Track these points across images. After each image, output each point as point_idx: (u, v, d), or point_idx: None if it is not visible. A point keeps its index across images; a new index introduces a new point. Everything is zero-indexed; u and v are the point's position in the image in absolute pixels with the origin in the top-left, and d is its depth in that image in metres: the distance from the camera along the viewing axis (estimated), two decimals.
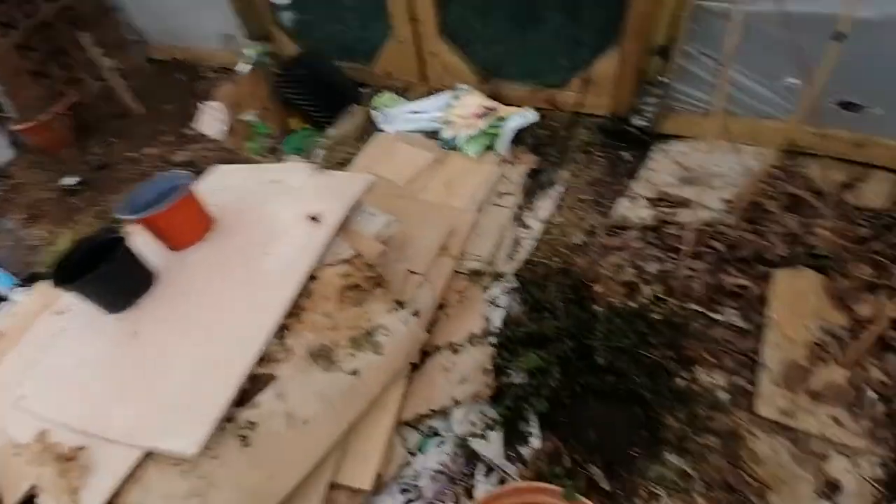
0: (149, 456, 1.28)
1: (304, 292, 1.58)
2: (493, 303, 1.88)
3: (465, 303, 1.98)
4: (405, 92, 3.18)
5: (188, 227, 1.76)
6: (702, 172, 2.37)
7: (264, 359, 1.44)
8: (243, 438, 1.31)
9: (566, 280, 2.06)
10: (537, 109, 2.70)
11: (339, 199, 1.77)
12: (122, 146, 3.65)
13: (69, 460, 1.29)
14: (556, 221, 2.39)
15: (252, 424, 1.33)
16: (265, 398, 1.37)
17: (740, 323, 1.75)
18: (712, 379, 1.65)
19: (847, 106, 2.05)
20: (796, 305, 1.70)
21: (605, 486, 1.46)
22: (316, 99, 3.13)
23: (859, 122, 2.08)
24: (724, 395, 1.60)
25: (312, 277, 1.61)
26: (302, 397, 1.40)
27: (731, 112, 2.37)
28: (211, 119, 3.49)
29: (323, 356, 1.50)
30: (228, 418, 1.31)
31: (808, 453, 1.44)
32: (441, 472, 1.55)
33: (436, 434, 1.64)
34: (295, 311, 1.55)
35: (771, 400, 1.53)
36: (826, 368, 1.56)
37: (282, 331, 1.51)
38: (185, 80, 4.00)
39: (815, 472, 1.41)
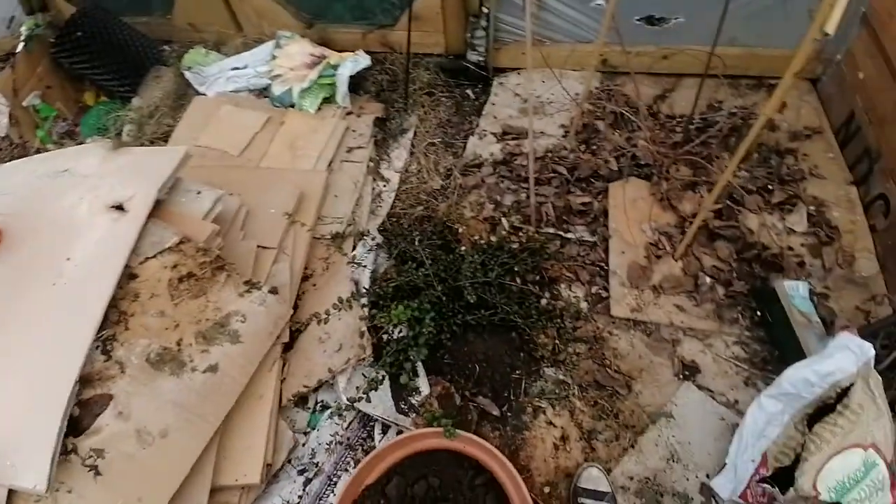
0: (16, 493, 1.14)
1: (126, 294, 1.32)
2: (359, 263, 1.78)
3: (331, 269, 1.85)
4: (219, 46, 2.76)
5: None
6: (536, 102, 2.47)
7: (92, 379, 1.23)
8: (93, 468, 1.15)
9: (430, 226, 2.03)
10: (372, 53, 2.54)
11: (147, 180, 1.48)
12: None
13: None
14: (412, 169, 2.32)
15: (98, 452, 1.17)
16: (105, 421, 1.20)
17: (589, 237, 1.91)
18: (573, 293, 1.78)
19: (651, 20, 2.25)
20: (630, 212, 1.89)
21: (495, 412, 1.52)
22: (105, 65, 2.57)
23: (664, 35, 2.30)
24: (584, 305, 1.74)
25: (131, 276, 1.34)
26: (151, 410, 1.23)
27: (553, 39, 2.48)
28: None
29: (168, 360, 1.28)
30: (70, 450, 1.15)
31: (661, 341, 1.64)
32: (337, 443, 1.48)
33: (325, 408, 1.56)
34: (118, 319, 1.29)
35: (622, 301, 1.71)
36: (663, 263, 1.77)
37: (106, 344, 1.26)
38: None
39: (671, 357, 1.60)
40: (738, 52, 2.29)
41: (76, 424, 1.15)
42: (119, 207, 1.42)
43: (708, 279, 1.72)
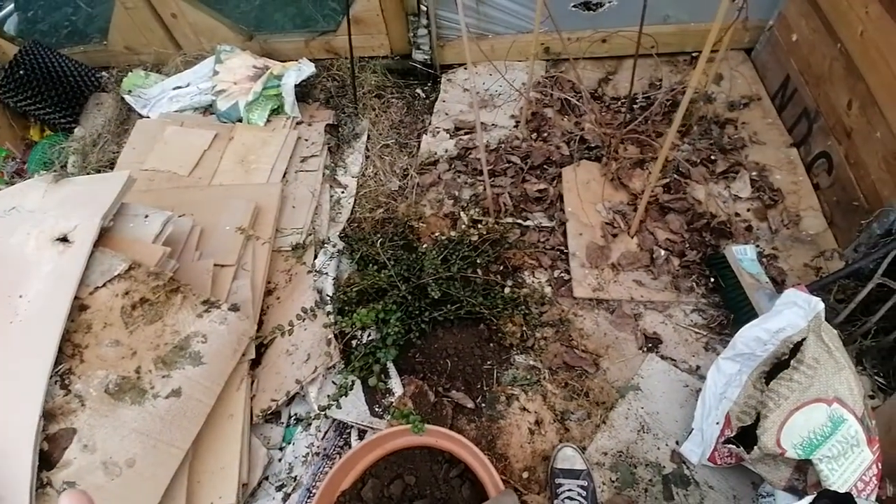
0: None
1: (78, 327, 1.28)
2: (320, 271, 1.77)
3: (294, 280, 1.83)
4: (159, 66, 2.70)
5: None
6: (485, 94, 2.50)
7: (55, 414, 1.20)
8: None
9: (392, 228, 2.04)
10: (317, 60, 2.53)
11: (90, 209, 1.44)
12: None
13: None
14: (368, 173, 2.32)
15: (70, 484, 1.15)
16: (72, 454, 1.18)
17: (547, 223, 1.94)
18: (536, 279, 1.81)
19: (587, 5, 2.31)
20: (584, 194, 1.93)
21: (469, 404, 1.54)
22: (45, 98, 2.50)
23: (601, 19, 2.36)
24: (548, 290, 1.77)
25: (82, 308, 1.30)
26: (115, 441, 1.21)
27: (494, 31, 2.51)
28: None
29: (128, 389, 1.25)
30: (46, 483, 1.14)
31: (623, 317, 1.68)
32: (314, 454, 1.47)
33: (299, 420, 1.55)
34: (72, 353, 1.25)
35: (583, 282, 1.75)
36: (620, 241, 1.82)
37: (64, 378, 1.22)
38: None
39: (634, 332, 1.65)
40: (671, 29, 2.36)
41: (48, 458, 1.13)
42: (64, 239, 1.37)
43: (663, 252, 1.77)
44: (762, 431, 1.19)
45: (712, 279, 1.75)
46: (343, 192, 2.26)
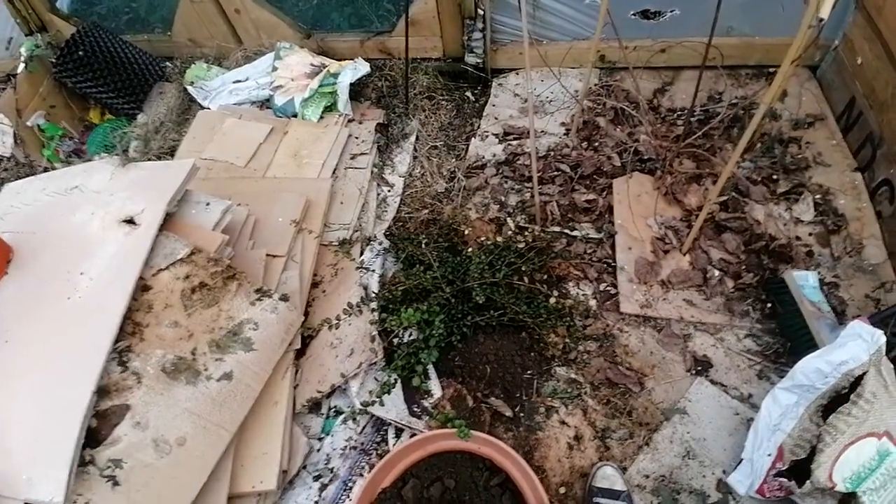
0: None
1: (140, 306, 1.34)
2: (367, 268, 1.79)
3: (340, 275, 1.86)
4: (220, 60, 2.80)
5: None
6: (536, 101, 2.48)
7: (109, 390, 1.24)
8: (111, 479, 1.16)
9: (436, 229, 2.04)
10: (371, 60, 2.57)
11: (157, 194, 1.50)
12: None
13: None
14: (415, 173, 2.34)
15: (116, 462, 1.18)
16: (123, 431, 1.21)
17: (595, 234, 1.90)
18: (581, 290, 1.78)
19: (646, 14, 2.26)
20: (635, 207, 1.89)
21: (508, 413, 1.52)
22: (108, 83, 2.61)
23: (660, 29, 2.30)
24: (593, 303, 1.74)
25: (145, 288, 1.36)
26: (168, 419, 1.25)
27: (550, 38, 2.49)
28: None
29: (183, 370, 1.30)
30: (88, 461, 1.17)
31: (672, 337, 1.63)
32: (351, 448, 1.49)
33: (338, 413, 1.57)
34: (133, 330, 1.31)
35: (631, 297, 1.70)
36: (671, 258, 1.77)
37: (122, 355, 1.27)
38: None
39: (683, 353, 1.59)
40: (735, 42, 2.28)
41: (94, 435, 1.17)
42: (130, 221, 1.44)
43: (717, 272, 1.71)
44: (817, 465, 1.18)
45: (769, 304, 1.68)
46: (390, 191, 2.29)
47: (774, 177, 1.98)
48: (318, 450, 1.49)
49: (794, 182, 1.95)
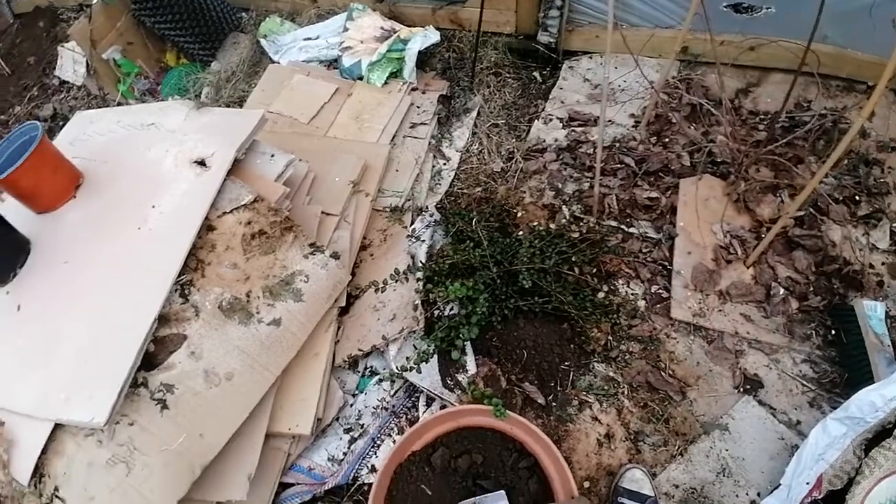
0: (61, 428, 1.21)
1: (204, 244, 1.40)
2: (416, 237, 1.80)
3: (389, 241, 1.88)
4: (294, 16, 2.82)
5: (50, 183, 1.50)
6: (605, 89, 2.38)
7: (169, 319, 1.31)
8: (161, 402, 1.23)
9: (488, 208, 2.02)
10: (440, 30, 2.52)
11: (228, 139, 1.55)
12: None
13: None
14: (473, 149, 2.31)
15: (168, 387, 1.24)
16: (178, 359, 1.27)
17: (653, 234, 1.83)
18: (631, 289, 1.73)
19: (738, 8, 2.11)
20: (701, 211, 1.80)
21: (540, 400, 1.51)
22: (186, 27, 2.68)
23: (751, 25, 2.14)
24: (642, 304, 1.68)
25: (209, 228, 1.41)
26: (220, 354, 1.31)
27: (631, 23, 2.37)
28: (71, 64, 2.94)
29: (237, 310, 1.36)
30: (140, 383, 1.23)
31: (722, 350, 1.56)
32: (383, 408, 1.53)
33: (374, 373, 1.61)
34: (195, 266, 1.37)
35: (684, 303, 1.64)
36: (733, 269, 1.68)
37: (184, 288, 1.34)
38: (46, 26, 3.39)
39: (733, 369, 1.52)
40: (829, 50, 2.11)
41: (149, 360, 1.24)
42: (201, 163, 1.49)
43: (782, 290, 1.62)
44: (851, 496, 1.18)
45: (833, 331, 1.58)
46: (445, 165, 2.27)
47: (857, 198, 1.84)
48: (352, 405, 1.53)
49: (875, 206, 1.81)
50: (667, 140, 2.10)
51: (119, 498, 1.11)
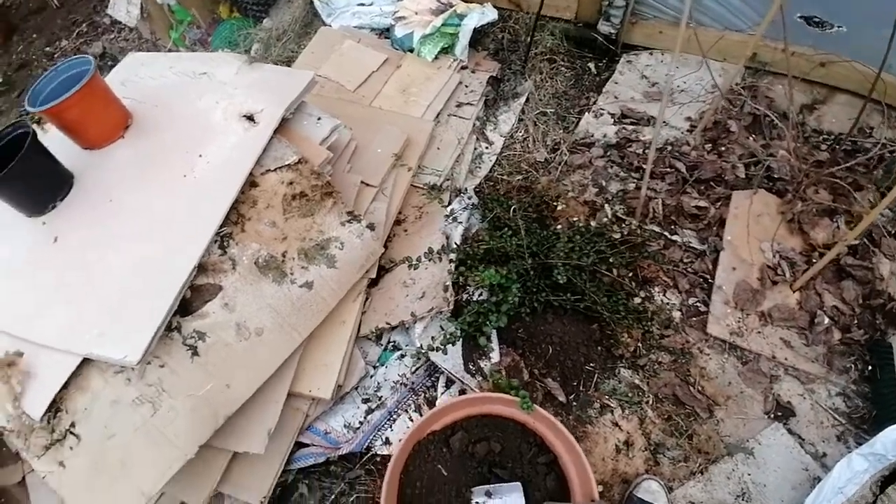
0: (89, 363, 1.20)
1: (246, 199, 1.39)
2: (453, 218, 1.77)
3: (424, 218, 1.85)
4: None
5: (99, 119, 1.49)
6: (663, 88, 2.29)
7: (207, 268, 1.31)
8: (192, 349, 1.24)
9: (528, 198, 1.97)
10: (498, 9, 2.44)
11: (277, 97, 1.53)
12: (41, 42, 3.23)
13: (10, 365, 1.20)
14: (518, 136, 2.25)
15: (200, 334, 1.25)
16: (212, 308, 1.28)
17: (697, 244, 1.77)
18: (667, 298, 1.68)
19: (810, 21, 1.99)
20: (752, 227, 1.73)
21: (561, 397, 1.49)
22: None
23: (824, 41, 2.03)
24: (677, 315, 1.63)
25: (252, 184, 1.41)
26: (252, 309, 1.31)
27: (701, 23, 2.26)
28: (125, 4, 2.95)
29: (272, 268, 1.36)
30: (173, 328, 1.24)
31: (757, 373, 1.51)
32: (402, 384, 1.53)
33: (396, 348, 1.61)
34: (236, 220, 1.37)
35: (722, 320, 1.58)
36: (778, 291, 1.61)
37: (224, 240, 1.34)
38: None
39: (765, 393, 1.47)
40: (893, 80, 1.98)
41: (185, 306, 1.24)
42: (250, 118, 1.48)
43: (826, 319, 1.55)
44: None
45: (870, 367, 1.51)
46: (487, 148, 2.23)
47: None
48: (371, 376, 1.53)
49: None
50: (722, 149, 2.01)
51: (142, 437, 1.13)
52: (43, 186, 1.38)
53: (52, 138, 1.54)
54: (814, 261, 1.59)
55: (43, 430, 1.18)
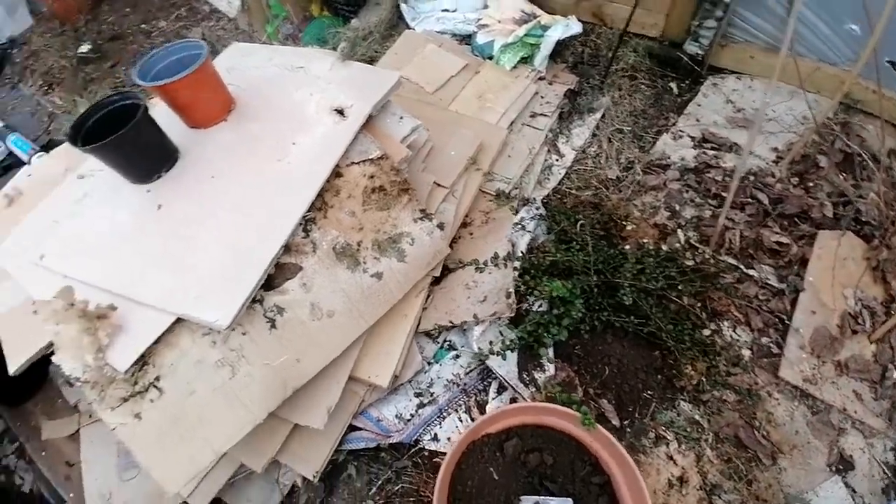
0: (181, 323, 1.27)
1: (330, 188, 1.46)
2: (521, 227, 1.77)
3: (490, 224, 1.87)
4: None
5: (208, 101, 1.59)
6: (754, 115, 2.20)
7: (291, 249, 1.38)
8: (271, 321, 1.30)
9: (596, 214, 1.95)
10: (582, 23, 2.43)
11: (366, 94, 1.59)
12: (136, 17, 3.40)
13: (100, 318, 1.26)
14: (590, 151, 2.23)
15: (279, 309, 1.32)
16: (291, 286, 1.35)
17: (775, 282, 1.69)
18: (737, 335, 1.61)
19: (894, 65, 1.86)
20: (836, 271, 1.63)
21: (615, 421, 1.46)
22: None
23: None
24: (747, 353, 1.56)
25: (337, 174, 1.47)
26: (327, 291, 1.37)
27: (794, 51, 2.15)
28: None
29: (348, 255, 1.41)
30: (257, 300, 1.31)
31: (826, 425, 1.43)
32: (454, 383, 1.55)
33: (451, 348, 1.63)
34: (320, 206, 1.44)
35: (796, 365, 1.50)
36: (857, 341, 1.52)
37: (307, 224, 1.41)
38: None
39: (831, 445, 1.40)
40: None
41: (269, 281, 1.32)
42: (340, 112, 1.55)
43: None
44: None
45: None
46: (558, 160, 2.22)
47: None
48: (426, 372, 1.56)
49: None
50: (810, 184, 1.91)
51: (220, 397, 1.21)
52: (153, 156, 1.49)
53: (160, 113, 1.67)
54: (893, 313, 1.48)
55: (125, 383, 1.23)
